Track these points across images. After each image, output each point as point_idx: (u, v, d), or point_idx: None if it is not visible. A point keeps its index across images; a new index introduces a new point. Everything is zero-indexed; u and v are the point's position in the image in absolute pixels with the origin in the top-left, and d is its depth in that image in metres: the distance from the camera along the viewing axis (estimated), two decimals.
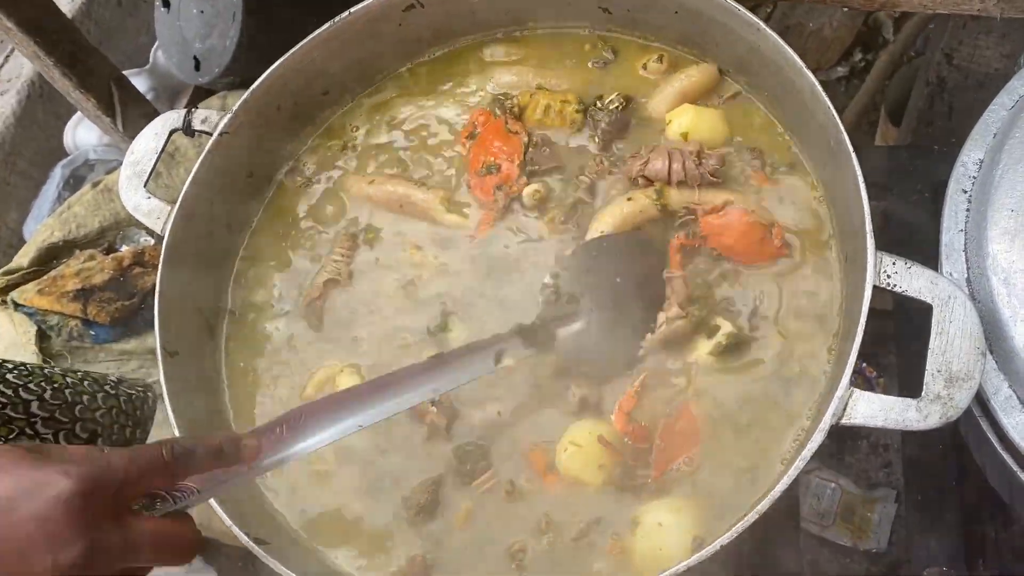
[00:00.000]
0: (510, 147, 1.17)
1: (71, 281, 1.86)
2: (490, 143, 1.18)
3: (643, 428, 1.00)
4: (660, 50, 1.20)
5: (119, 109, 2.08)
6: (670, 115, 1.14)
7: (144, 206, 1.12)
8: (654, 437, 0.99)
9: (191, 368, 1.10)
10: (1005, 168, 0.95)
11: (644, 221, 1.09)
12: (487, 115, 1.21)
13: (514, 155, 1.16)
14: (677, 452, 0.98)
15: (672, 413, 1.01)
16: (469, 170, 1.18)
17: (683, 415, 1.00)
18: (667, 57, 1.19)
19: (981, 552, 1.21)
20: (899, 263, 0.90)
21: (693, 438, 0.99)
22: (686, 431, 0.99)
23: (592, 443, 0.99)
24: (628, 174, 1.11)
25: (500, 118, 1.19)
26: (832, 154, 1.00)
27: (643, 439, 1.00)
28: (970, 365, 0.86)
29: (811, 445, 0.86)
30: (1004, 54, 1.29)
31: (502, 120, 1.19)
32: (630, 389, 1.02)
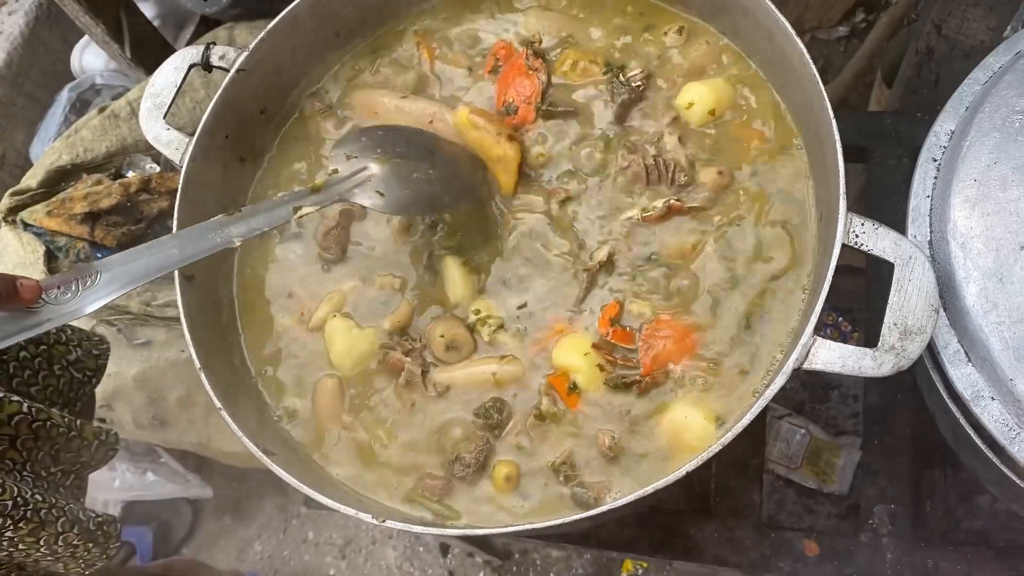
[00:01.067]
0: (530, 87, 1.22)
1: (79, 204, 1.90)
2: (511, 80, 1.23)
3: (626, 331, 1.10)
4: (682, 20, 1.25)
5: (127, 35, 2.11)
6: (682, 95, 1.19)
7: (164, 137, 1.18)
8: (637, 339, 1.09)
9: (206, 293, 1.17)
10: (973, 140, 1.01)
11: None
12: (508, 49, 1.26)
13: (532, 97, 1.22)
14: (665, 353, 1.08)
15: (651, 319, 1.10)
16: (496, 107, 1.24)
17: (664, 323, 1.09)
18: (686, 29, 1.24)
19: (930, 494, 1.31)
20: (867, 224, 0.97)
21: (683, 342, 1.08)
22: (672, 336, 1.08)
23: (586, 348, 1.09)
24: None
25: (521, 53, 1.24)
26: (814, 119, 1.06)
27: (627, 340, 1.09)
28: (923, 320, 0.94)
29: (774, 386, 0.94)
30: (990, 27, 1.34)
31: (523, 56, 1.23)
32: (612, 302, 1.11)
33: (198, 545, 2.57)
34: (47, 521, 1.09)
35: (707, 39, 1.22)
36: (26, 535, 1.07)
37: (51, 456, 1.14)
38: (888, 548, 1.21)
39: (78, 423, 1.17)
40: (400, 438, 1.13)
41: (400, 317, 1.16)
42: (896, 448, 1.25)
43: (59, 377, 1.22)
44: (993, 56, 1.08)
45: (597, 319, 1.12)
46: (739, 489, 1.27)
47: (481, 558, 2.33)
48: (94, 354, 1.29)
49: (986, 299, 0.95)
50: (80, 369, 1.25)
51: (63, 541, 1.12)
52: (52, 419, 1.11)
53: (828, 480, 1.79)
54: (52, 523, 1.09)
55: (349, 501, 1.01)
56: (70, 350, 1.24)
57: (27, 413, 1.08)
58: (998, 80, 1.04)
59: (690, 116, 1.18)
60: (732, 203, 1.15)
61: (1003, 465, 0.98)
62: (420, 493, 1.09)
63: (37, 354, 1.18)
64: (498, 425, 1.09)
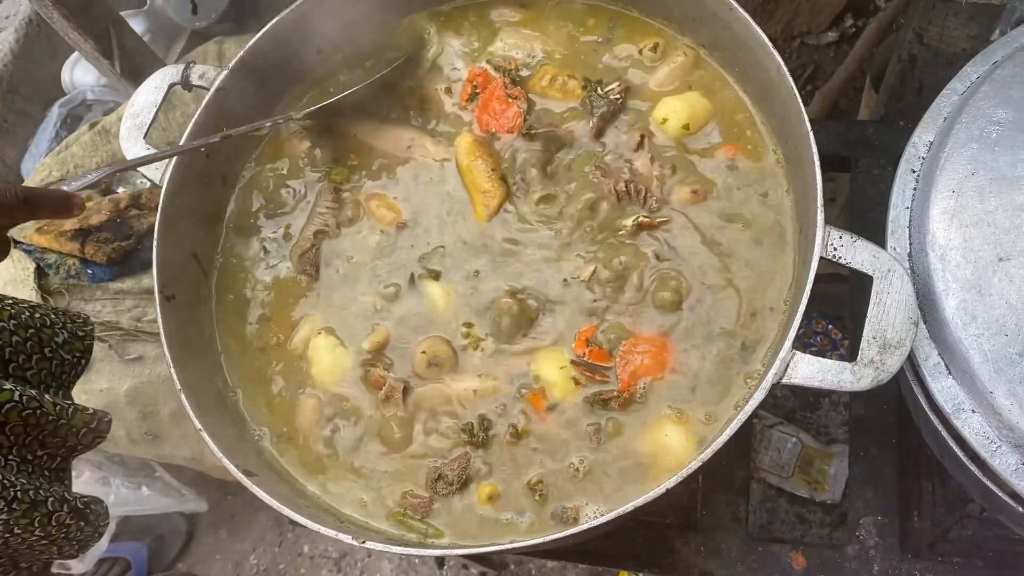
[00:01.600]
0: (512, 116, 1.22)
1: (69, 221, 1.90)
2: (491, 109, 1.23)
3: (600, 351, 1.09)
4: (657, 33, 1.25)
5: (116, 51, 2.11)
6: (657, 110, 1.19)
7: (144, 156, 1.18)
8: (614, 357, 1.09)
9: (187, 312, 1.17)
10: (951, 151, 1.01)
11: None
12: (485, 76, 1.26)
13: (514, 127, 1.22)
14: (642, 369, 1.08)
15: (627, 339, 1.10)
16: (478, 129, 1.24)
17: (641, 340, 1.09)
18: (661, 46, 1.23)
19: (918, 504, 1.30)
20: (845, 236, 0.97)
21: (660, 358, 1.08)
22: (650, 352, 1.08)
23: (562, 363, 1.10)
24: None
25: (498, 80, 1.24)
26: (792, 132, 1.06)
27: (603, 358, 1.09)
28: (902, 334, 0.93)
29: (753, 401, 0.93)
30: (971, 35, 1.34)
31: (500, 82, 1.23)
32: (588, 327, 1.11)
33: (193, 559, 2.56)
34: (37, 501, 1.10)
35: (684, 52, 1.22)
36: (20, 516, 1.08)
37: (38, 441, 1.15)
38: (875, 560, 1.21)
39: (69, 410, 1.18)
40: (382, 457, 1.13)
41: (380, 336, 1.16)
42: (882, 459, 1.24)
43: (50, 360, 1.23)
44: (971, 66, 1.08)
45: (575, 338, 1.11)
46: (725, 502, 1.26)
47: (476, 570, 2.32)
48: (79, 335, 1.30)
49: (965, 311, 0.95)
50: (69, 351, 1.26)
51: (56, 521, 1.13)
52: (43, 407, 1.12)
53: (820, 488, 1.78)
54: (43, 502, 1.11)
55: (328, 522, 1.01)
56: (56, 332, 1.25)
57: (17, 402, 1.09)
58: (975, 90, 1.04)
59: (665, 131, 1.18)
60: (710, 216, 1.14)
61: (985, 478, 0.97)
62: (403, 512, 1.09)
63: (27, 338, 1.19)
64: (483, 443, 1.08)
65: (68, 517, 1.14)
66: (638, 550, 1.27)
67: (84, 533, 1.19)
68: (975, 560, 1.22)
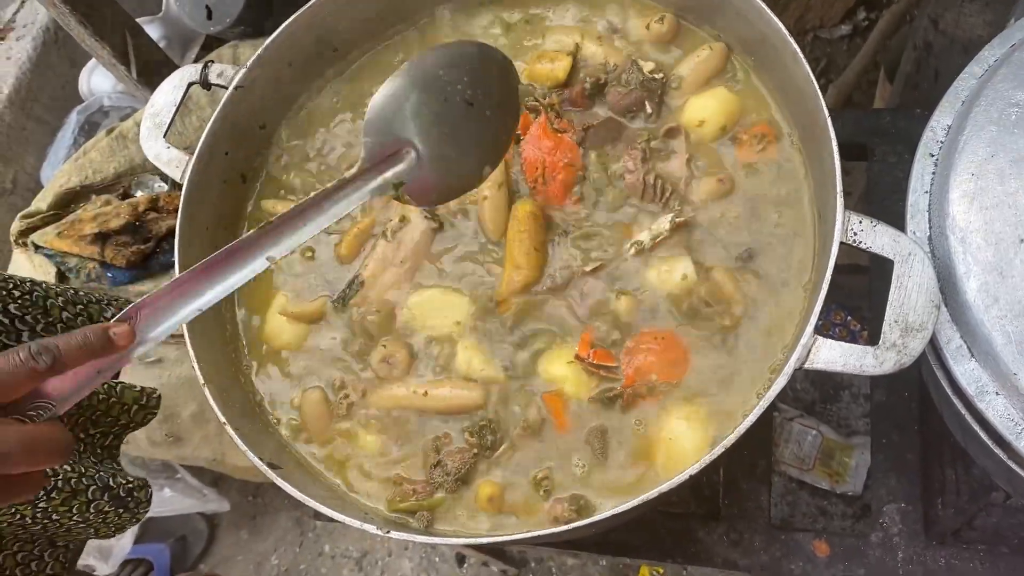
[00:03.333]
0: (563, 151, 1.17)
1: (88, 225, 1.92)
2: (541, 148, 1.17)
3: (607, 352, 1.09)
4: (663, 10, 1.24)
5: (133, 57, 2.14)
6: (690, 111, 1.18)
7: (164, 155, 1.19)
8: (619, 356, 1.09)
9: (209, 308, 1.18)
10: (969, 135, 1.01)
11: None
12: (525, 118, 1.20)
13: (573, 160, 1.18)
14: (647, 364, 1.08)
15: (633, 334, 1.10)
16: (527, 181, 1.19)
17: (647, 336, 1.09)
18: (668, 19, 1.23)
19: (941, 492, 1.30)
20: (865, 221, 0.97)
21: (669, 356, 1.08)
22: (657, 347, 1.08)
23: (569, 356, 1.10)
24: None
25: (541, 119, 1.18)
26: (810, 119, 1.06)
27: (608, 359, 1.09)
28: (924, 316, 0.93)
29: (775, 387, 0.93)
30: (987, 21, 1.34)
31: (543, 122, 1.18)
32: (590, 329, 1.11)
33: (215, 560, 2.58)
34: (78, 490, 1.10)
35: (710, 45, 1.21)
36: (59, 504, 1.08)
37: (91, 420, 1.15)
38: (899, 547, 1.20)
39: (118, 388, 1.18)
40: (392, 449, 1.13)
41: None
42: (905, 445, 1.24)
43: None
44: (988, 49, 1.08)
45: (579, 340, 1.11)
46: (748, 491, 1.26)
47: (497, 567, 2.33)
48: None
49: (987, 293, 0.94)
50: None
51: (94, 508, 1.13)
52: None
53: (841, 481, 1.78)
54: (83, 491, 1.11)
55: (354, 513, 1.02)
56: (104, 308, 1.25)
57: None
58: (994, 73, 1.03)
59: (702, 134, 1.17)
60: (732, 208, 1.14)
61: (1010, 461, 0.97)
62: (397, 500, 1.09)
63: (77, 314, 1.19)
64: (491, 446, 1.08)
65: (107, 504, 1.15)
66: (662, 540, 1.27)
67: (122, 519, 1.20)
68: (1000, 547, 1.21)
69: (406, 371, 1.14)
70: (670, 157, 1.17)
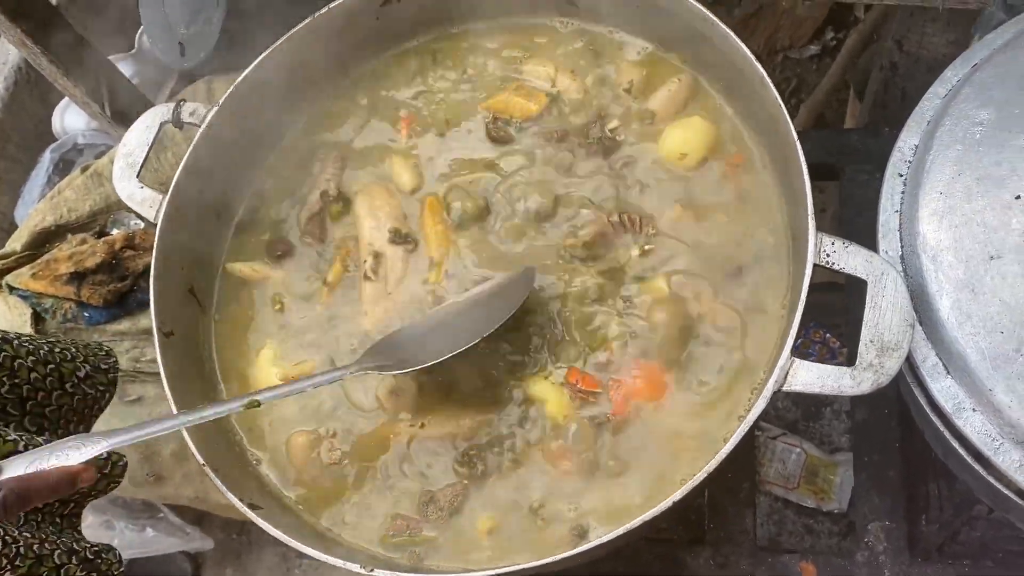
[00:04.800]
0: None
1: (64, 264, 1.90)
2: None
3: (591, 378, 1.10)
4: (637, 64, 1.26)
5: (106, 95, 2.13)
6: (667, 143, 1.20)
7: (138, 195, 1.19)
8: (605, 383, 1.10)
9: (186, 349, 1.17)
10: (936, 154, 1.02)
11: None
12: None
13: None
14: (636, 390, 1.08)
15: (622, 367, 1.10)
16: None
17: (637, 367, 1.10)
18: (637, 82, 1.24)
19: (925, 508, 1.30)
20: (837, 243, 0.98)
21: (652, 384, 1.08)
22: (644, 377, 1.09)
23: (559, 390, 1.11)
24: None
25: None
26: (779, 142, 1.07)
27: (596, 385, 1.10)
28: (899, 336, 0.94)
29: (755, 410, 0.94)
30: (950, 41, 1.36)
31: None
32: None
33: None
34: (43, 555, 1.08)
35: (679, 77, 1.23)
36: (25, 573, 1.06)
37: None
38: (885, 566, 1.20)
39: None
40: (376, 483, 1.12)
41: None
42: (887, 464, 1.24)
43: (72, 395, 1.22)
44: (951, 70, 1.10)
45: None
46: (732, 514, 1.26)
47: None
48: (103, 368, 1.29)
49: (960, 310, 0.95)
50: (92, 385, 1.26)
51: (65, 574, 1.11)
52: None
53: (827, 498, 1.78)
54: (48, 556, 1.09)
55: (337, 552, 1.01)
56: (78, 366, 1.24)
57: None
58: (957, 93, 1.05)
59: (683, 165, 1.18)
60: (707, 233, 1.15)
61: (990, 476, 0.97)
62: (391, 536, 1.08)
63: (47, 374, 1.18)
64: (482, 475, 1.08)
65: (78, 569, 1.13)
66: (649, 567, 1.26)
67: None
68: (985, 561, 1.22)
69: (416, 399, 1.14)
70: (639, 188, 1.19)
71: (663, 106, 1.22)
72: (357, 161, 1.29)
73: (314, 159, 1.31)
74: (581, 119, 1.24)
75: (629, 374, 1.10)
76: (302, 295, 1.24)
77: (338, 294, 1.23)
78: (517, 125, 1.25)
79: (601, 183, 1.20)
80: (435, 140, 1.28)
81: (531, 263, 1.17)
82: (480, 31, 1.32)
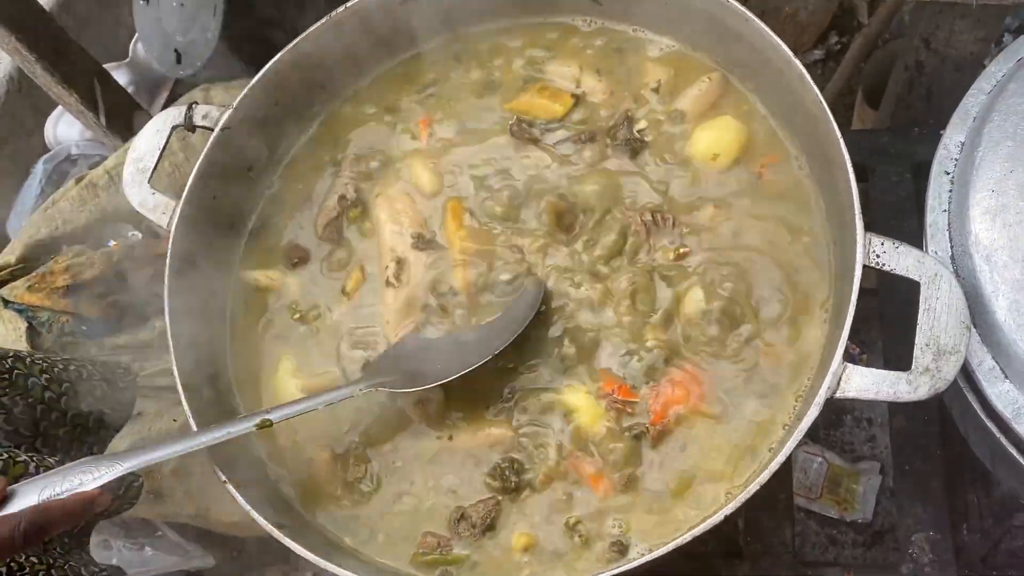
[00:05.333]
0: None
1: (60, 277, 1.86)
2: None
3: (627, 387, 1.06)
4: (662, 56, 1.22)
5: (101, 103, 2.08)
6: (698, 144, 1.16)
7: (150, 201, 1.14)
8: (641, 391, 1.06)
9: (203, 362, 1.12)
10: (985, 150, 0.99)
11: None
12: None
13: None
14: (675, 398, 1.04)
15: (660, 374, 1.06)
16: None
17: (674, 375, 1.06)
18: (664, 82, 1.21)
19: (964, 517, 1.27)
20: (887, 243, 0.94)
21: (691, 393, 1.05)
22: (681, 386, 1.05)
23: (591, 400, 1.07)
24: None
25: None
26: (819, 142, 1.04)
27: (629, 394, 1.05)
28: (956, 339, 0.90)
29: (807, 418, 0.90)
30: (979, 38, 1.33)
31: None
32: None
33: None
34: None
35: (708, 76, 1.19)
36: None
37: None
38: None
39: None
40: (405, 500, 1.08)
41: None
42: (929, 472, 1.20)
43: (88, 415, 1.17)
44: (995, 65, 1.07)
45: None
46: (770, 527, 1.22)
47: None
48: (121, 387, 1.25)
49: (1018, 312, 0.92)
50: (109, 404, 1.21)
51: None
52: None
53: (850, 508, 1.74)
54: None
55: (364, 572, 0.96)
56: (95, 385, 1.20)
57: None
58: (1003, 88, 1.02)
59: (715, 167, 1.15)
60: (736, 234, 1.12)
61: None
62: (422, 553, 1.03)
63: (62, 393, 1.14)
64: (516, 488, 1.03)
65: None
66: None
67: None
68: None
69: (443, 409, 1.09)
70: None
71: (693, 106, 1.18)
72: (376, 164, 1.24)
73: (330, 163, 1.26)
74: (608, 120, 1.20)
75: (667, 382, 1.05)
76: (320, 303, 1.19)
77: (357, 302, 1.18)
78: (542, 126, 1.21)
79: (630, 185, 1.17)
80: (456, 142, 1.24)
81: (559, 267, 1.13)
82: (501, 30, 1.28)
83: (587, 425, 1.06)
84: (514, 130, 1.21)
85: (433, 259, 1.17)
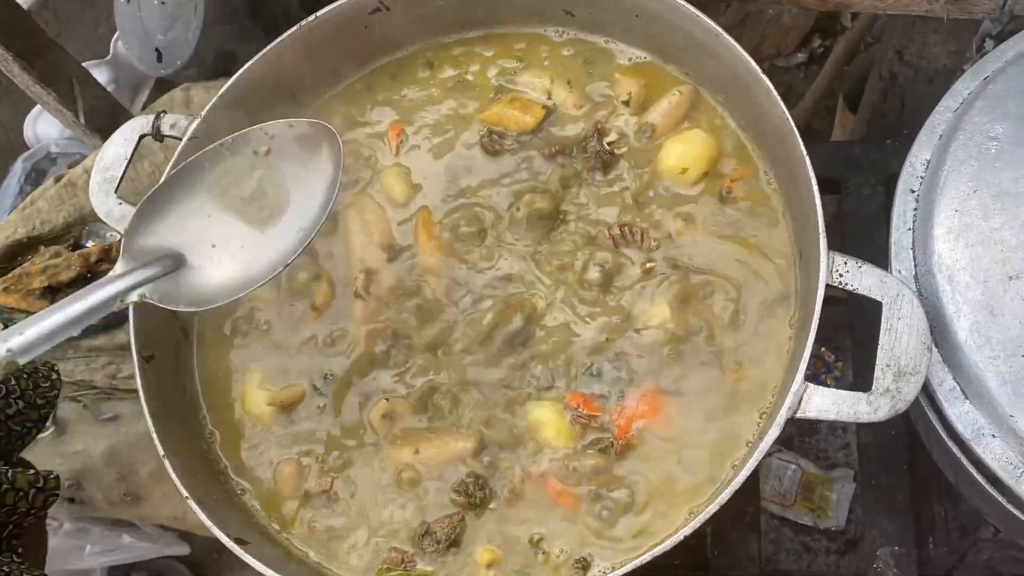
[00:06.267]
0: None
1: (37, 279, 1.84)
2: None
3: (593, 401, 1.06)
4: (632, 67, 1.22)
5: (80, 102, 2.06)
6: (667, 159, 1.15)
7: (116, 212, 1.13)
8: (606, 405, 1.06)
9: (167, 374, 1.12)
10: (950, 169, 0.99)
11: None
12: None
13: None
14: (638, 415, 1.05)
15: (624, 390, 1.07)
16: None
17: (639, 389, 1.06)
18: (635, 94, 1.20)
19: (931, 530, 1.27)
20: (850, 262, 0.94)
21: (656, 407, 1.05)
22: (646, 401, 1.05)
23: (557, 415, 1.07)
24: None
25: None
26: (786, 157, 1.04)
27: (593, 408, 1.06)
28: (917, 359, 0.90)
29: (768, 438, 0.90)
30: (951, 51, 1.33)
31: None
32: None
33: None
34: None
35: (679, 89, 1.18)
36: None
37: None
38: None
39: (9, 474, 1.10)
40: (369, 514, 1.08)
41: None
42: (894, 486, 1.21)
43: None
44: (961, 82, 1.07)
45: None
46: (737, 540, 1.22)
47: None
48: (38, 404, 1.23)
49: (978, 333, 0.92)
50: (19, 422, 1.19)
51: None
52: None
53: (824, 515, 1.75)
54: None
55: None
56: (10, 403, 1.18)
57: None
58: (969, 107, 1.02)
59: (685, 180, 1.14)
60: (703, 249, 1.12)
61: (1009, 504, 0.94)
62: (385, 569, 1.03)
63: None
64: (481, 503, 1.03)
65: None
66: None
67: None
68: None
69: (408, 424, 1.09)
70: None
71: (663, 119, 1.18)
72: (346, 173, 1.24)
73: None
74: (578, 132, 1.20)
75: (632, 397, 1.06)
76: (287, 315, 1.19)
77: (325, 313, 1.18)
78: (513, 138, 1.21)
79: (600, 198, 1.17)
80: (427, 152, 1.23)
81: (529, 277, 1.13)
82: (473, 40, 1.27)
83: (552, 439, 1.06)
84: (485, 142, 1.20)
85: (404, 269, 1.17)
